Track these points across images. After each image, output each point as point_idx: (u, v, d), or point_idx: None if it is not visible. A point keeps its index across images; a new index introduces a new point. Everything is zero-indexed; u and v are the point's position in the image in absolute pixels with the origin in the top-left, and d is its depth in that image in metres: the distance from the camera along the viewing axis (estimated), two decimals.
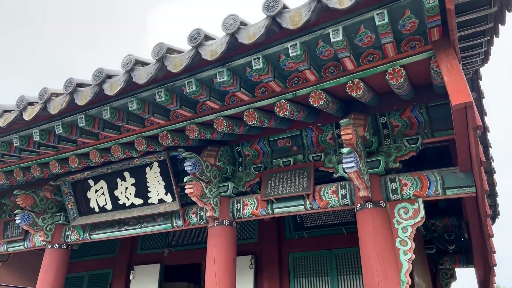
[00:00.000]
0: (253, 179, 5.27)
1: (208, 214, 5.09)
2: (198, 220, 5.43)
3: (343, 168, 4.04)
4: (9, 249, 7.10)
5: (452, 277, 8.08)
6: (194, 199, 4.86)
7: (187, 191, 4.77)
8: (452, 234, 7.17)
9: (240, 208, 5.12)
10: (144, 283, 7.35)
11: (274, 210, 4.86)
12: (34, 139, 4.94)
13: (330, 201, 4.55)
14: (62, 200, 6.65)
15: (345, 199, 4.47)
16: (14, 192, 6.03)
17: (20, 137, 5.10)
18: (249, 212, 5.04)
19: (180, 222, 5.55)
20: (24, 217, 6.11)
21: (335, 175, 4.72)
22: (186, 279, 8.81)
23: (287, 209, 4.78)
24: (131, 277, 7.50)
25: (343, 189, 4.52)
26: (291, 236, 6.48)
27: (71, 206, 6.29)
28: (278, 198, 4.81)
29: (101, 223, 6.17)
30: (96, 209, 6.11)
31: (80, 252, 8.23)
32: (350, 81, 3.81)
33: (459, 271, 8.46)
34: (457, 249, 7.53)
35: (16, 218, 6.10)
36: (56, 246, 6.39)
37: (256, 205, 5.01)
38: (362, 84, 3.81)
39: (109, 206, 6.00)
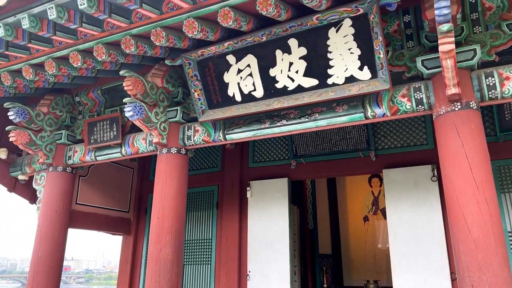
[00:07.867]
0: None
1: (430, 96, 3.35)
2: (414, 106, 3.70)
3: None
4: (98, 158, 5.47)
5: None
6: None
7: None
8: None
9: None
10: (269, 201, 5.82)
11: None
12: None
13: None
14: (175, 91, 4.92)
15: None
16: (121, 72, 4.24)
17: None
18: None
19: (380, 110, 3.83)
20: (136, 108, 4.38)
21: None
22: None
23: None
24: (248, 195, 5.97)
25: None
26: None
27: (198, 95, 4.53)
28: None
29: (244, 116, 4.46)
30: (238, 98, 4.36)
31: None
32: None
33: None
34: None
35: (125, 109, 4.36)
36: (174, 151, 4.74)
37: None
38: None
39: (259, 93, 4.25)
